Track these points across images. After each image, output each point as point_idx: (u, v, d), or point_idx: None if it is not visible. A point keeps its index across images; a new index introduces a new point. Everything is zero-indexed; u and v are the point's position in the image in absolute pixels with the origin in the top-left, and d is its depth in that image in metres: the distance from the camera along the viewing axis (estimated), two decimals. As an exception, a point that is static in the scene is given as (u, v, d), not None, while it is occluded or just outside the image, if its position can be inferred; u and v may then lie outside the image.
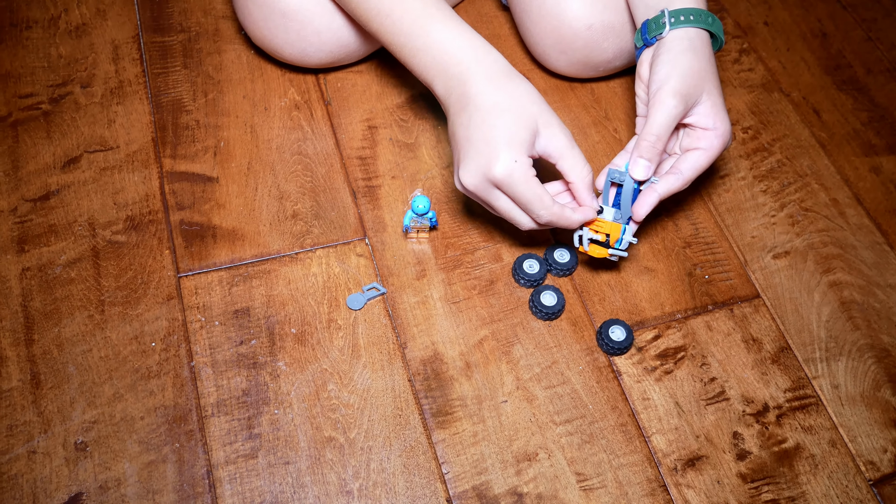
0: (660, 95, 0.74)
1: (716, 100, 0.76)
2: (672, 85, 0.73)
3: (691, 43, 0.75)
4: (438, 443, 0.72)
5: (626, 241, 0.76)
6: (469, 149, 0.71)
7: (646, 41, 0.78)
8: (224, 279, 0.79)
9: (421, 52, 0.74)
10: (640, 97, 0.80)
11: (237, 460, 0.70)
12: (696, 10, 0.76)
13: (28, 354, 0.73)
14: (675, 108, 0.73)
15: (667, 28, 0.76)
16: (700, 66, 0.75)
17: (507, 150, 0.70)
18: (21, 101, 0.88)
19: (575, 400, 0.76)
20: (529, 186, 0.71)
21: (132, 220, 0.82)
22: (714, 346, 0.81)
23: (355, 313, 0.78)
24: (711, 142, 0.76)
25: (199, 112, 0.90)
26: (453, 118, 0.73)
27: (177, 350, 0.75)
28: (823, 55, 1.08)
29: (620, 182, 0.76)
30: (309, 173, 0.87)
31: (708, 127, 0.76)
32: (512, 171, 0.70)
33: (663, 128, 0.74)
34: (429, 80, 0.75)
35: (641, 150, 0.75)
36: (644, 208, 0.76)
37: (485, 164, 0.70)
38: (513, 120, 0.71)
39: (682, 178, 0.76)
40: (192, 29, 0.97)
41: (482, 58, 0.73)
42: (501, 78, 0.72)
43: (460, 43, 0.73)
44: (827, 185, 0.95)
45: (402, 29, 0.75)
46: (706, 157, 0.77)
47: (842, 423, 0.78)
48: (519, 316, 0.80)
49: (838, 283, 0.87)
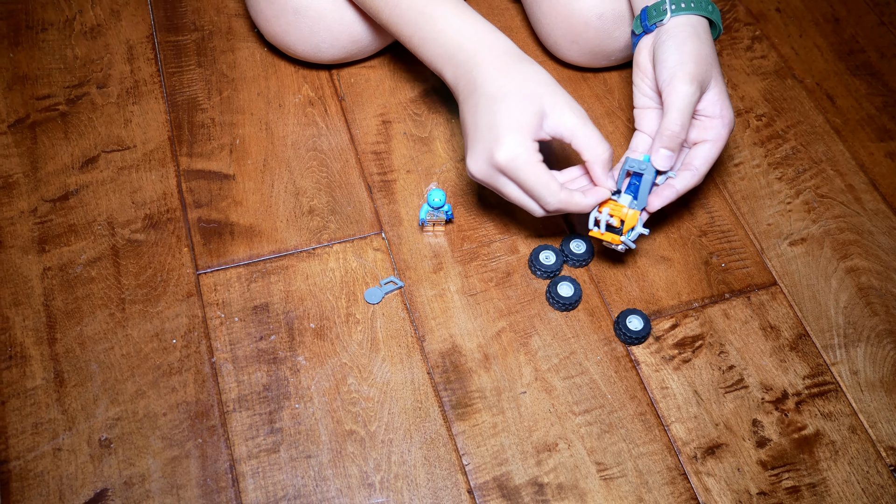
0: (675, 83, 0.72)
1: (721, 87, 0.76)
2: (687, 70, 0.72)
3: (694, 29, 0.74)
4: (458, 434, 0.73)
5: (637, 231, 0.75)
6: (475, 135, 0.71)
7: (646, 28, 0.77)
8: (243, 276, 0.80)
9: (429, 41, 0.75)
10: (638, 87, 0.79)
11: (259, 455, 0.71)
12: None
13: (51, 353, 0.74)
14: (693, 94, 0.73)
15: (668, 15, 0.75)
16: (706, 51, 0.74)
17: (509, 135, 0.69)
18: (38, 103, 0.89)
19: (593, 390, 0.76)
20: (534, 172, 0.70)
21: (150, 219, 0.82)
22: (732, 335, 0.81)
23: (373, 307, 0.79)
24: (719, 131, 0.76)
25: (214, 110, 0.91)
26: (462, 105, 0.73)
27: (197, 346, 0.75)
28: (836, 41, 1.08)
29: (639, 171, 0.75)
30: (324, 169, 0.87)
31: (715, 115, 0.76)
32: (515, 157, 0.70)
33: (685, 116, 0.73)
34: (439, 69, 0.76)
35: (664, 141, 0.73)
36: (660, 201, 0.75)
37: (488, 151, 0.70)
38: (516, 103, 0.70)
39: (698, 174, 0.76)
40: (206, 27, 0.97)
41: (491, 43, 0.73)
42: (509, 62, 0.72)
43: (468, 30, 0.73)
44: (842, 171, 0.94)
45: (410, 18, 0.75)
46: (716, 148, 0.76)
47: (861, 409, 0.78)
48: (536, 307, 0.80)
49: (855, 269, 0.86)
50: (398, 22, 0.76)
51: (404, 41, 0.77)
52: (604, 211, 0.75)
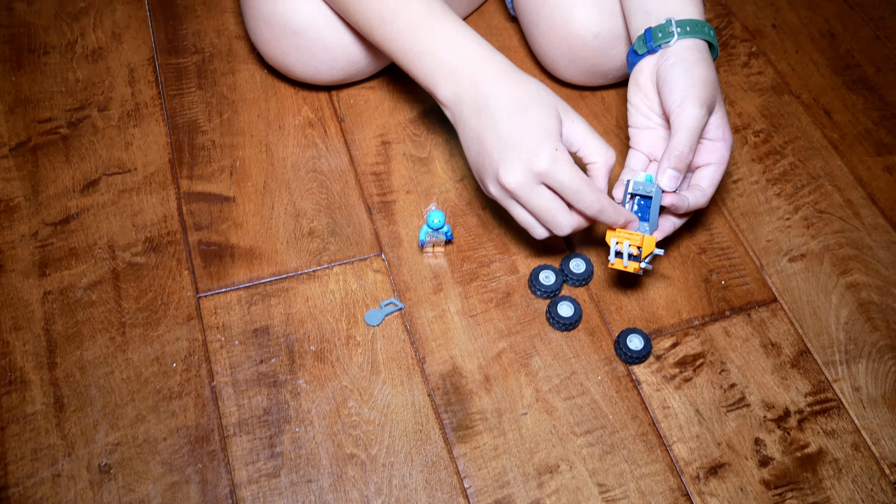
0: (685, 106, 0.73)
1: (723, 111, 0.77)
2: (696, 94, 0.73)
3: (701, 54, 0.75)
4: (460, 457, 0.73)
5: (653, 253, 0.75)
6: (504, 148, 0.71)
7: (650, 48, 0.77)
8: (243, 298, 0.80)
9: (425, 56, 0.75)
10: (636, 107, 0.79)
11: (260, 479, 0.70)
12: (700, 22, 0.76)
13: (51, 378, 0.74)
14: (702, 117, 0.73)
15: (675, 37, 0.75)
16: (713, 76, 0.75)
17: (547, 141, 0.70)
18: (40, 126, 0.90)
19: (595, 410, 0.76)
20: (576, 172, 0.71)
21: (151, 242, 0.82)
22: (733, 352, 0.81)
23: (374, 329, 0.79)
24: (722, 153, 0.77)
25: (214, 132, 0.91)
26: (469, 121, 0.73)
27: (198, 370, 0.75)
28: (833, 55, 1.08)
29: (644, 193, 0.75)
30: (324, 190, 0.87)
31: (718, 138, 0.76)
32: (556, 159, 0.70)
33: (693, 137, 0.73)
34: (433, 86, 0.75)
35: (672, 161, 0.74)
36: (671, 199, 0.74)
37: (527, 159, 0.70)
38: (540, 111, 0.71)
39: (705, 195, 0.77)
40: (206, 50, 0.98)
41: (491, 58, 0.74)
42: (513, 76, 0.73)
43: (466, 44, 0.74)
44: (841, 185, 0.94)
45: (405, 34, 0.75)
46: (721, 170, 0.77)
47: (864, 426, 0.78)
48: (536, 327, 0.80)
49: (856, 285, 0.86)
50: (392, 38, 0.76)
51: (397, 58, 0.77)
52: (624, 243, 0.75)
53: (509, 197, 0.74)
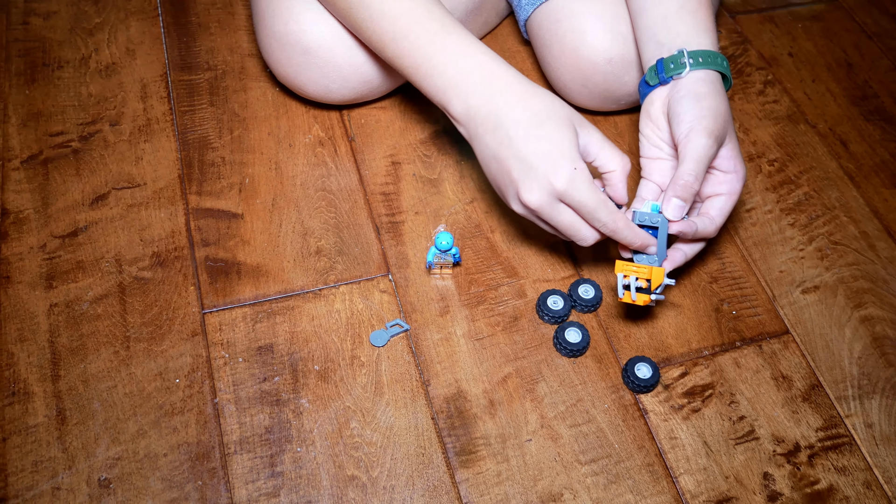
0: (692, 136, 0.72)
1: (735, 142, 0.76)
2: (705, 125, 0.73)
3: (714, 86, 0.75)
4: (462, 482, 0.72)
5: (663, 284, 0.74)
6: (523, 167, 0.71)
7: (662, 79, 0.77)
8: (248, 315, 0.79)
9: (437, 72, 0.74)
10: (647, 137, 0.79)
11: (259, 499, 0.70)
12: (713, 53, 0.76)
13: (54, 390, 0.73)
14: (710, 147, 0.73)
15: (687, 68, 0.75)
16: (724, 108, 0.75)
17: (564, 160, 0.70)
18: (52, 140, 0.90)
19: (600, 439, 0.75)
20: (594, 191, 0.71)
21: (158, 257, 0.82)
22: (743, 384, 0.79)
23: (378, 350, 0.78)
24: (733, 185, 0.76)
25: (224, 149, 0.91)
26: (484, 138, 0.73)
27: (200, 387, 0.75)
28: (850, 85, 1.07)
29: (651, 224, 0.75)
30: (333, 209, 0.87)
31: (729, 170, 0.76)
32: (574, 178, 0.70)
33: (700, 167, 0.73)
34: (445, 102, 0.75)
35: (678, 190, 0.73)
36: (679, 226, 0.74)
37: (546, 179, 0.70)
38: (557, 127, 0.71)
39: (714, 223, 0.76)
40: (219, 67, 0.98)
41: (503, 72, 0.73)
42: (526, 90, 0.73)
43: (478, 59, 0.73)
44: (856, 217, 0.93)
45: (417, 51, 0.75)
46: (731, 201, 0.76)
47: (877, 464, 0.76)
48: (543, 353, 0.79)
49: (870, 318, 0.85)
50: (404, 55, 0.76)
51: (410, 74, 0.77)
52: (631, 278, 0.74)
53: (533, 214, 0.74)
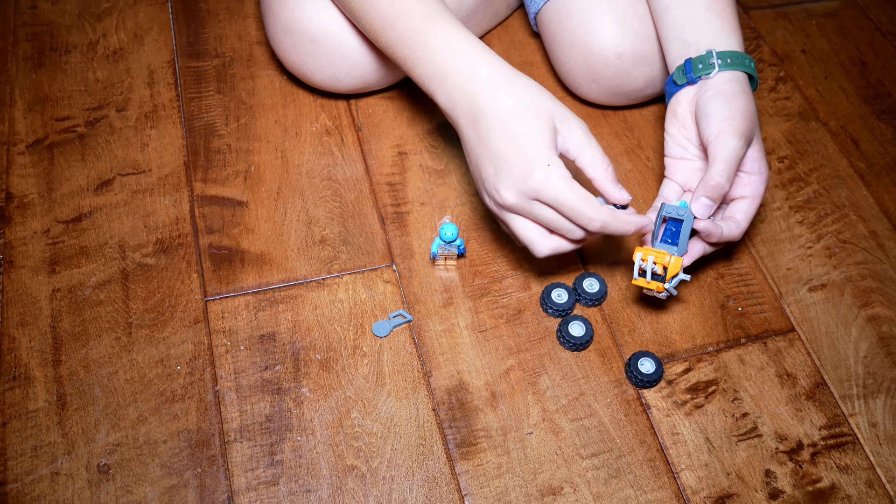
0: (723, 137, 0.72)
1: (760, 144, 0.76)
2: (736, 126, 0.72)
3: (742, 86, 0.74)
4: (462, 474, 0.71)
5: (679, 278, 0.74)
6: (500, 163, 0.69)
7: (690, 79, 0.76)
8: (251, 304, 0.79)
9: (422, 62, 0.73)
10: (672, 136, 0.78)
11: (258, 487, 0.69)
12: (741, 54, 0.75)
13: (55, 375, 0.73)
14: (740, 148, 0.72)
15: (716, 69, 0.74)
16: (752, 109, 0.74)
17: (538, 157, 0.68)
18: (58, 125, 0.90)
19: (602, 433, 0.74)
20: (572, 189, 0.68)
21: (162, 244, 0.82)
22: (747, 381, 0.79)
23: (381, 340, 0.78)
24: (757, 187, 0.76)
25: (230, 136, 0.91)
26: (465, 130, 0.71)
27: (202, 374, 0.75)
28: (862, 84, 1.06)
29: (676, 217, 0.74)
30: (338, 199, 0.87)
31: (753, 171, 0.75)
32: (549, 177, 0.68)
33: (731, 169, 0.72)
34: (431, 91, 0.74)
35: (708, 190, 0.72)
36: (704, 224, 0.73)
37: (520, 177, 0.68)
38: (535, 123, 0.69)
39: (740, 227, 0.76)
40: (227, 54, 0.98)
41: (484, 61, 0.71)
42: (508, 81, 0.70)
43: (461, 50, 0.71)
44: (865, 216, 0.92)
45: (405, 40, 0.74)
46: (756, 204, 0.76)
47: (880, 464, 0.75)
48: (546, 346, 0.79)
49: (877, 318, 0.84)
50: (394, 44, 0.75)
51: (401, 63, 0.75)
52: (649, 259, 0.74)
53: (506, 212, 0.72)
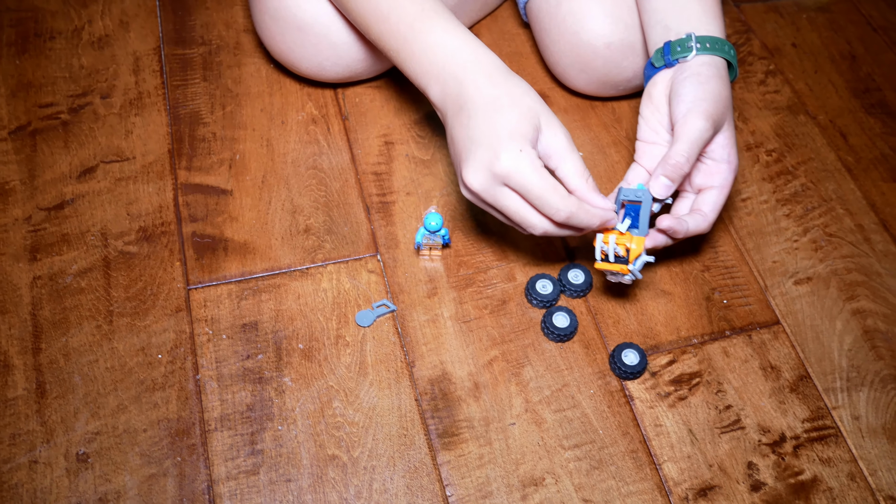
0: (690, 117, 0.71)
1: (732, 131, 0.75)
2: (704, 107, 0.71)
3: (717, 70, 0.73)
4: (443, 464, 0.71)
5: (642, 260, 0.73)
6: (471, 146, 0.68)
7: (667, 62, 0.76)
8: (233, 292, 0.78)
9: (417, 55, 0.72)
10: (646, 120, 0.77)
11: (238, 476, 0.69)
12: (720, 40, 0.75)
13: (35, 363, 0.73)
14: (706, 130, 0.71)
15: (693, 52, 0.74)
16: (726, 94, 0.73)
17: (512, 142, 0.66)
18: (41, 111, 0.89)
19: (585, 424, 0.74)
20: (540, 177, 0.67)
21: (145, 231, 0.82)
22: (730, 373, 0.79)
23: (364, 330, 0.77)
24: (726, 177, 0.74)
25: (216, 125, 0.90)
26: (451, 120, 0.70)
27: (183, 363, 0.74)
28: (852, 78, 1.06)
29: (634, 200, 0.73)
30: (323, 188, 0.86)
31: (722, 159, 0.74)
32: (519, 161, 0.66)
33: (693, 149, 0.71)
34: (424, 85, 0.73)
35: (667, 170, 0.71)
36: (669, 222, 0.72)
37: (489, 159, 0.67)
38: (515, 115, 0.68)
39: (707, 220, 0.74)
40: (214, 42, 0.97)
41: (479, 58, 0.71)
42: (500, 77, 0.70)
43: (457, 44, 0.71)
44: (852, 210, 0.92)
45: (398, 33, 0.73)
46: (723, 194, 0.74)
47: (862, 456, 0.75)
48: (530, 337, 0.79)
49: (862, 311, 0.84)
50: (387, 37, 0.74)
51: (392, 56, 0.75)
52: (610, 240, 0.72)
53: (477, 198, 0.70)
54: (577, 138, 0.94)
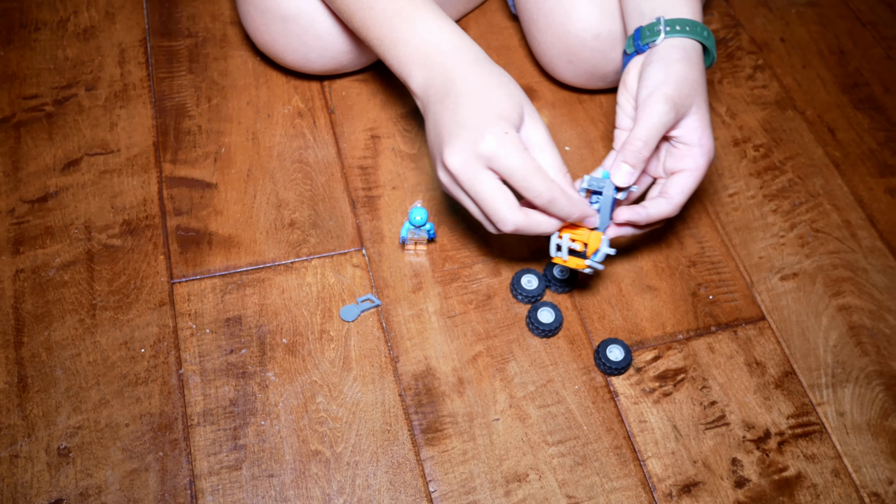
0: (650, 101, 0.70)
1: (704, 114, 0.73)
2: (665, 91, 0.70)
3: (686, 53, 0.72)
4: (427, 460, 0.71)
5: (602, 252, 0.71)
6: (455, 129, 0.67)
7: (637, 48, 0.75)
8: (217, 286, 0.78)
9: (400, 44, 0.72)
10: (622, 107, 0.76)
11: (221, 471, 0.69)
12: (692, 22, 0.73)
13: (16, 357, 0.73)
14: (666, 114, 0.70)
15: (661, 36, 0.73)
16: (693, 76, 0.72)
17: (498, 123, 0.66)
18: (25, 102, 0.88)
19: (569, 420, 0.74)
20: (527, 157, 0.66)
21: (129, 225, 0.81)
22: (716, 369, 0.79)
23: (348, 325, 0.77)
24: (697, 160, 0.73)
25: (201, 117, 0.89)
26: (435, 107, 0.69)
27: (166, 357, 0.74)
28: (840, 73, 1.06)
29: (598, 189, 0.72)
30: (309, 181, 0.86)
31: (693, 143, 0.73)
32: (505, 142, 0.65)
33: (652, 133, 0.70)
34: (406, 73, 0.72)
35: (626, 155, 0.70)
36: (626, 214, 0.71)
37: (474, 139, 0.65)
38: (500, 99, 0.67)
39: (673, 203, 0.72)
40: (200, 34, 0.97)
41: (465, 46, 0.70)
42: (485, 68, 0.69)
43: (442, 32, 0.71)
44: (839, 205, 0.92)
45: (383, 22, 0.72)
46: (693, 178, 0.73)
47: (846, 453, 0.75)
48: (515, 332, 0.78)
49: (847, 307, 0.84)
50: (370, 25, 0.73)
51: (375, 45, 0.74)
52: (564, 236, 0.71)
53: (455, 183, 0.69)
54: (564, 132, 0.94)
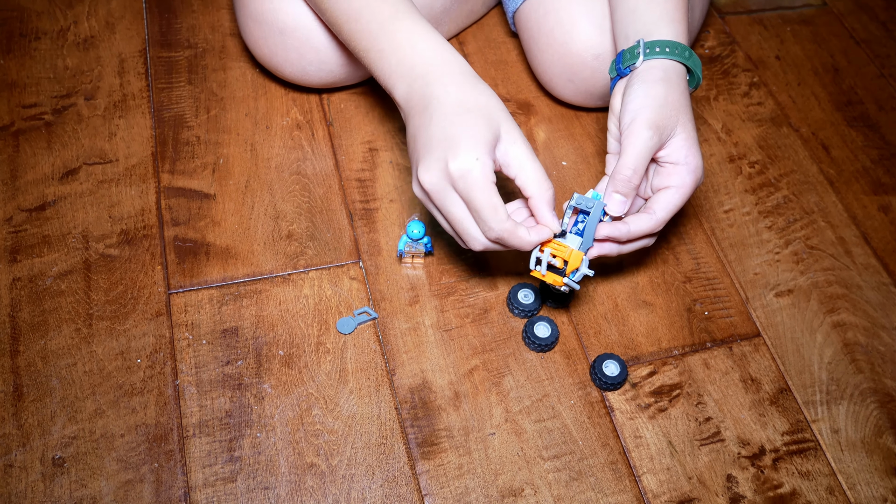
0: (633, 127, 0.70)
1: (689, 133, 0.73)
2: (646, 116, 0.70)
3: (665, 73, 0.72)
4: (422, 474, 0.71)
5: (581, 272, 0.71)
6: (429, 145, 0.67)
7: (619, 71, 0.75)
8: (214, 297, 0.78)
9: (386, 54, 0.72)
10: (611, 132, 0.76)
11: (216, 483, 0.69)
12: (673, 43, 0.73)
13: (12, 366, 0.72)
14: (650, 139, 0.70)
15: (640, 58, 0.73)
16: (673, 97, 0.72)
17: (468, 146, 0.66)
18: (24, 111, 0.88)
19: (565, 435, 0.74)
20: (485, 191, 0.66)
21: (126, 235, 0.81)
22: (711, 385, 0.79)
23: (345, 337, 0.77)
24: (683, 178, 0.73)
25: (200, 128, 0.90)
26: (415, 119, 0.70)
27: (162, 368, 0.74)
28: (835, 91, 1.07)
29: (586, 209, 0.72)
30: (306, 193, 0.86)
31: (678, 161, 0.72)
32: (471, 169, 0.65)
33: (639, 161, 0.70)
34: (391, 85, 0.72)
35: (617, 185, 0.71)
36: (606, 230, 0.71)
37: (444, 159, 0.66)
38: (476, 119, 0.67)
39: (655, 219, 0.72)
40: (199, 45, 0.97)
41: (450, 61, 0.70)
42: (467, 81, 0.69)
43: (427, 45, 0.71)
44: (834, 222, 0.93)
45: (370, 32, 0.73)
46: (679, 195, 0.73)
47: (841, 470, 0.75)
48: (511, 346, 0.79)
49: (842, 324, 0.84)
50: (357, 35, 0.74)
51: (362, 56, 0.74)
52: (545, 251, 0.71)
53: (427, 198, 0.69)
54: (561, 148, 0.94)
